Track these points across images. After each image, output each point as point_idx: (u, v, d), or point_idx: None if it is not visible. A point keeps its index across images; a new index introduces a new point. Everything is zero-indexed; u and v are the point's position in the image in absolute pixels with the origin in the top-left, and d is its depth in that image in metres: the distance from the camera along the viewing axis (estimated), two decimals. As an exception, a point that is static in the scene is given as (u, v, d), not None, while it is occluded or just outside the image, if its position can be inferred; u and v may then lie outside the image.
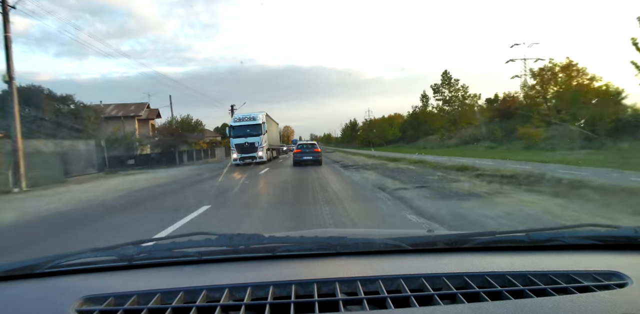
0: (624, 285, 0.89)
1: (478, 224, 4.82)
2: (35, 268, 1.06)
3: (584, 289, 0.88)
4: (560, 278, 0.94)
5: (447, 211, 5.64)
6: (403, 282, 0.92)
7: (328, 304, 0.84)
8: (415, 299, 0.84)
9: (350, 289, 0.92)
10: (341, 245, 1.13)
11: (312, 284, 0.93)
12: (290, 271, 1.04)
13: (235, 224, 5.35)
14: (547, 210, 5.44)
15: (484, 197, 6.83)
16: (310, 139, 45.66)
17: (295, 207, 6.78)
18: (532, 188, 7.67)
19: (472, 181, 9.49)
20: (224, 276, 1.01)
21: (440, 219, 5.16)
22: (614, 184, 7.64)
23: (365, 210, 6.37)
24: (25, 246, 4.82)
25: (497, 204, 6.10)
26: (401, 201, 6.93)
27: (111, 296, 0.90)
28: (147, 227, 5.42)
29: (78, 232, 5.60)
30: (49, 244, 4.90)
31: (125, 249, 1.12)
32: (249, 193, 9.35)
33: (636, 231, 1.16)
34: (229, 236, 1.12)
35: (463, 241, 1.19)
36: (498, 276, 0.95)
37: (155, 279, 1.03)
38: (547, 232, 1.23)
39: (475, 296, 0.87)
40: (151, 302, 0.87)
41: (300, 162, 18.63)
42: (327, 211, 5.97)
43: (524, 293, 0.86)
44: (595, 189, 6.90)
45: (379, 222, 5.37)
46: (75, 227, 6.08)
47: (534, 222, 4.73)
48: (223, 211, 6.73)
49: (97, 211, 7.67)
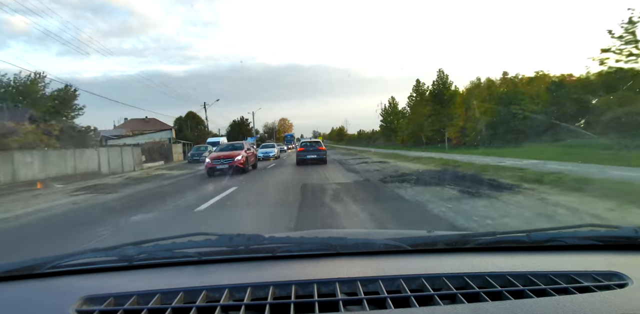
0: (624, 285, 0.89)
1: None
2: (36, 268, 1.06)
3: (584, 290, 0.88)
4: (560, 278, 0.94)
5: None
6: (403, 282, 0.92)
7: (328, 304, 0.84)
8: (415, 300, 0.84)
9: (350, 289, 0.92)
10: (341, 245, 1.13)
11: (312, 284, 0.93)
12: (290, 272, 1.04)
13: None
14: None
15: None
16: (313, 137, 43.16)
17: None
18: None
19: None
20: (224, 277, 1.01)
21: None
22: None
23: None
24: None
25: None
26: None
27: (111, 296, 0.90)
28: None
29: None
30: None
31: (125, 249, 1.12)
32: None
33: (636, 231, 1.16)
34: (229, 237, 1.12)
35: (463, 242, 1.19)
36: (498, 277, 0.95)
37: (155, 279, 1.03)
38: (547, 233, 1.23)
39: (476, 296, 0.87)
40: (151, 302, 0.87)
41: (303, 161, 17.53)
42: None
43: (524, 293, 0.86)
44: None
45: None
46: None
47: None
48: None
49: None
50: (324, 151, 18.10)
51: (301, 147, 18.94)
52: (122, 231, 5.27)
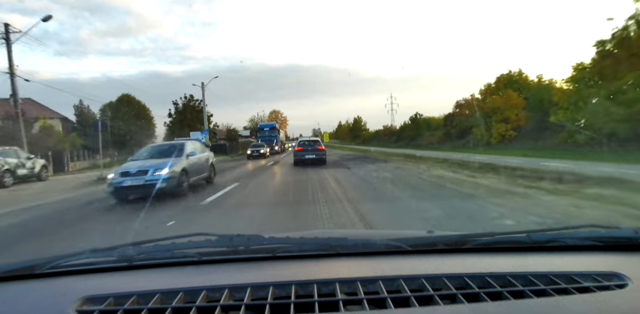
0: (624, 286, 0.89)
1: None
2: (35, 269, 1.06)
3: (584, 290, 0.88)
4: (560, 278, 0.94)
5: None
6: (403, 282, 0.92)
7: (328, 304, 0.84)
8: (415, 300, 0.84)
9: (350, 289, 0.91)
10: (341, 246, 1.13)
11: (312, 284, 0.93)
12: (290, 272, 1.04)
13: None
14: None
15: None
16: (313, 135, 40.41)
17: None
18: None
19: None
20: (224, 277, 1.01)
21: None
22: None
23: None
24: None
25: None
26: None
27: (111, 296, 0.89)
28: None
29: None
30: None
31: (125, 249, 1.12)
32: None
33: (636, 231, 1.16)
34: (229, 237, 1.12)
35: (463, 242, 1.19)
36: (498, 277, 0.95)
37: (155, 279, 1.03)
38: (547, 233, 1.23)
39: (476, 296, 0.87)
40: (151, 302, 0.87)
41: (302, 161, 17.12)
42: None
43: (524, 294, 0.86)
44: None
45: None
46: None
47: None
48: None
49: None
50: (323, 150, 17.76)
51: (299, 146, 18.50)
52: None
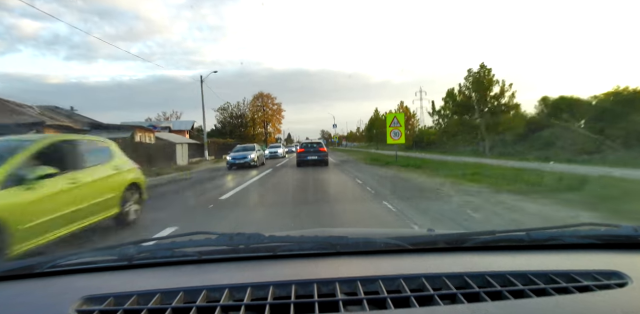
0: (624, 284, 0.89)
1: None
2: (35, 268, 1.06)
3: (584, 289, 0.88)
4: (560, 277, 0.94)
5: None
6: (403, 282, 0.92)
7: (328, 304, 0.84)
8: (415, 299, 0.83)
9: (350, 289, 0.91)
10: (341, 244, 1.13)
11: (312, 284, 0.93)
12: (290, 271, 1.04)
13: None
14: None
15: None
16: (320, 137, 41.65)
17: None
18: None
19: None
20: (224, 276, 1.01)
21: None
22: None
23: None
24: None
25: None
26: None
27: (111, 296, 0.89)
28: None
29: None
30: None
31: (125, 248, 1.12)
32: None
33: (636, 230, 1.16)
34: (229, 236, 1.12)
35: (463, 240, 1.19)
36: (498, 276, 0.95)
37: (155, 279, 1.03)
38: (547, 232, 1.23)
39: (476, 296, 0.87)
40: (151, 302, 0.87)
41: (304, 162, 17.44)
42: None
43: (524, 293, 0.86)
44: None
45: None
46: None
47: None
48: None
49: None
50: (325, 152, 18.08)
51: (301, 148, 18.96)
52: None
